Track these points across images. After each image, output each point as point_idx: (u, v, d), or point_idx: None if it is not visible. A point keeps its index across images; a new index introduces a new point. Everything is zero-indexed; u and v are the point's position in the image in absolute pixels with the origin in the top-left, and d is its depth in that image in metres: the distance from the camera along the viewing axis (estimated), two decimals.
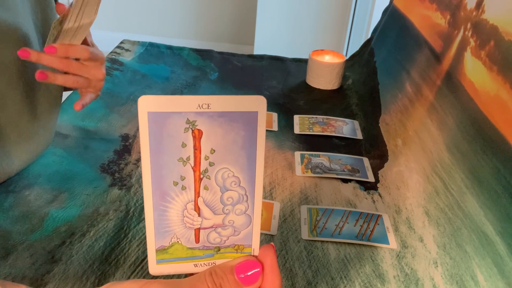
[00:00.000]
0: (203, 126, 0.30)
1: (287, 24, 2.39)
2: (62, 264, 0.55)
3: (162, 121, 0.30)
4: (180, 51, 1.21)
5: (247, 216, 0.33)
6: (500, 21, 0.63)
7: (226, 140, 0.31)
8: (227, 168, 0.32)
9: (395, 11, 1.10)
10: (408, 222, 0.67)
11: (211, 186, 0.32)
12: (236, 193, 0.32)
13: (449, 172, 0.66)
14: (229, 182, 0.32)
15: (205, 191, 0.32)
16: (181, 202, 0.32)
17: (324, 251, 0.61)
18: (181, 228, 0.33)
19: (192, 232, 0.33)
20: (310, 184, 0.74)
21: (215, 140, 0.31)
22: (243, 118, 0.30)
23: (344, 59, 1.10)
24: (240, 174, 0.32)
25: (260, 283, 0.32)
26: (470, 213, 0.60)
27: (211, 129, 0.30)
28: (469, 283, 0.55)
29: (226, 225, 0.33)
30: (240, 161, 0.31)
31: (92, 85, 0.67)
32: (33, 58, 0.59)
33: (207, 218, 0.33)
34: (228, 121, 0.30)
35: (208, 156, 0.31)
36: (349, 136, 0.90)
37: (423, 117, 0.78)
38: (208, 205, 0.32)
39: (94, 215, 0.63)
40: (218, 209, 0.33)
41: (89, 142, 0.79)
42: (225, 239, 0.34)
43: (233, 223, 0.33)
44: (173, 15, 3.11)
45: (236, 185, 0.32)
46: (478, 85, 0.65)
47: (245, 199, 0.33)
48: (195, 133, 0.30)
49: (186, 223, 0.33)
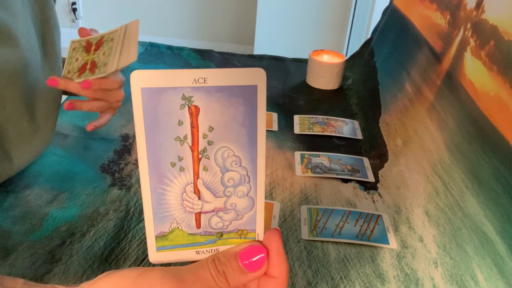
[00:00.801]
0: (200, 102, 0.28)
1: (287, 24, 2.39)
2: (62, 264, 0.55)
3: (156, 98, 0.28)
4: (180, 51, 1.21)
5: (249, 199, 0.32)
6: (500, 21, 0.63)
7: (225, 117, 0.29)
8: (227, 147, 0.30)
9: (395, 11, 1.10)
10: (408, 222, 0.67)
11: (211, 167, 0.30)
12: (237, 173, 0.30)
13: (449, 172, 0.66)
14: (230, 162, 0.30)
15: (205, 172, 0.30)
16: (180, 185, 0.30)
17: (324, 251, 0.61)
18: (181, 212, 0.31)
19: (193, 217, 0.31)
20: (310, 184, 0.74)
21: (213, 117, 0.29)
22: (242, 92, 0.28)
23: (344, 59, 1.10)
24: (241, 153, 0.30)
25: (265, 269, 0.31)
26: (470, 213, 0.60)
27: (209, 105, 0.28)
28: (469, 283, 0.55)
29: (228, 208, 0.32)
30: (241, 139, 0.29)
31: (113, 107, 0.70)
32: (61, 86, 0.63)
33: (208, 201, 0.31)
34: (226, 96, 0.28)
35: (207, 134, 0.29)
36: (349, 136, 0.90)
37: (423, 117, 0.78)
38: (208, 187, 0.31)
39: (94, 215, 0.63)
40: (219, 191, 0.31)
41: (89, 142, 0.79)
42: (227, 224, 0.32)
43: (235, 207, 0.32)
44: (173, 15, 3.11)
45: (237, 165, 0.30)
46: (478, 85, 0.65)
47: (247, 180, 0.31)
48: (192, 110, 0.28)
49: (186, 207, 0.31)
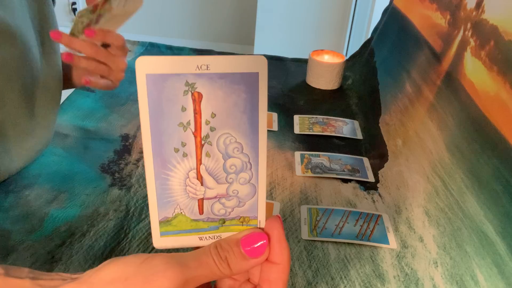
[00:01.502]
0: (203, 88, 0.29)
1: (287, 24, 2.39)
2: (62, 264, 0.55)
3: (160, 84, 0.29)
4: (180, 51, 1.21)
5: (251, 186, 0.32)
6: (500, 21, 0.63)
7: (227, 103, 0.30)
8: (228, 133, 0.30)
9: (395, 11, 1.10)
10: (408, 222, 0.67)
11: (213, 153, 0.31)
12: (239, 160, 0.31)
13: (449, 172, 0.66)
14: (232, 149, 0.31)
15: (207, 158, 0.31)
16: (183, 170, 0.31)
17: (324, 251, 0.61)
18: (184, 198, 0.32)
19: (196, 203, 0.32)
20: (310, 184, 0.74)
21: (215, 103, 0.29)
22: (244, 79, 0.29)
23: (344, 59, 1.10)
24: (243, 139, 0.31)
25: (267, 255, 0.32)
26: (470, 213, 0.60)
27: (212, 91, 0.29)
28: (469, 283, 0.55)
29: (230, 195, 0.32)
30: (242, 126, 0.30)
31: (113, 75, 0.68)
32: (64, 41, 0.61)
33: (210, 187, 0.32)
34: (228, 83, 0.29)
35: (209, 120, 0.30)
36: (349, 136, 0.90)
37: (423, 117, 0.78)
38: (210, 174, 0.31)
39: (94, 215, 0.63)
40: (221, 178, 0.32)
41: (89, 142, 0.79)
42: (229, 211, 0.33)
43: (237, 193, 0.32)
44: (173, 15, 3.11)
45: (239, 152, 0.31)
46: (478, 85, 0.65)
47: (248, 167, 0.32)
48: (195, 96, 0.29)
49: (189, 192, 0.32)
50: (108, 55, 0.66)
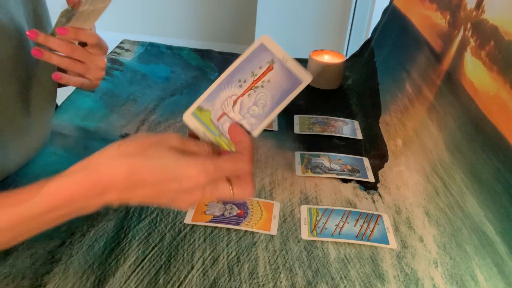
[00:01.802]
0: (275, 68, 0.48)
1: (287, 24, 2.39)
2: (62, 264, 0.55)
3: (262, 52, 0.48)
4: (180, 51, 1.21)
5: (250, 129, 0.49)
6: (500, 21, 0.63)
7: (278, 82, 0.48)
8: (265, 94, 0.48)
9: (395, 11, 1.10)
10: (408, 222, 0.67)
11: (251, 97, 0.48)
12: (258, 110, 0.48)
13: (449, 172, 0.66)
14: (260, 102, 0.48)
15: (247, 97, 0.48)
16: (231, 93, 0.48)
17: (324, 251, 0.61)
18: (219, 106, 0.49)
19: (220, 113, 0.48)
20: (310, 184, 0.74)
21: (274, 77, 0.48)
22: (294, 78, 0.47)
23: (344, 59, 1.10)
24: (268, 103, 0.48)
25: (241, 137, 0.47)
26: (470, 213, 0.60)
27: (278, 71, 0.48)
28: (469, 283, 0.55)
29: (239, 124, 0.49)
30: (274, 97, 0.48)
31: (92, 73, 0.67)
32: (40, 39, 0.61)
33: (234, 112, 0.48)
34: (287, 73, 0.47)
35: (265, 81, 0.48)
36: (349, 136, 0.90)
37: (423, 117, 0.78)
38: (241, 106, 0.48)
39: (94, 215, 0.63)
40: (244, 113, 0.48)
41: (89, 142, 0.79)
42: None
43: (242, 126, 0.49)
44: (173, 15, 3.11)
45: (262, 106, 0.48)
46: (478, 85, 0.65)
47: (258, 118, 0.48)
48: (270, 68, 0.48)
49: (223, 105, 0.48)
50: (84, 54, 0.65)
